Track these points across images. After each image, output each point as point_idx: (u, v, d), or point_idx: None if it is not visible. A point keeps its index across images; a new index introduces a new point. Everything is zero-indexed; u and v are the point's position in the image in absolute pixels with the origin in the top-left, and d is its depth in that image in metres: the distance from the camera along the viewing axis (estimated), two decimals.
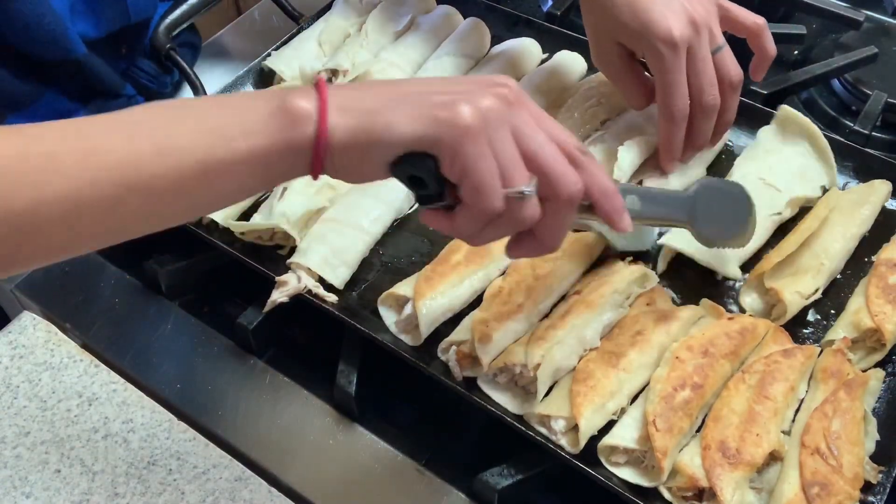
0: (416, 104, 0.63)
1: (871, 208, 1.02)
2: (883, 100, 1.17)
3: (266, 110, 0.62)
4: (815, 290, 0.95)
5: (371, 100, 0.64)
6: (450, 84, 0.67)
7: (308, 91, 0.63)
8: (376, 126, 0.62)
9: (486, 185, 0.63)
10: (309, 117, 0.62)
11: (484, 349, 0.86)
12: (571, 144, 0.67)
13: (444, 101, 0.63)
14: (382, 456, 0.90)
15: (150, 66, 1.18)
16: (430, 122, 0.62)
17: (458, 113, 0.62)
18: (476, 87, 0.65)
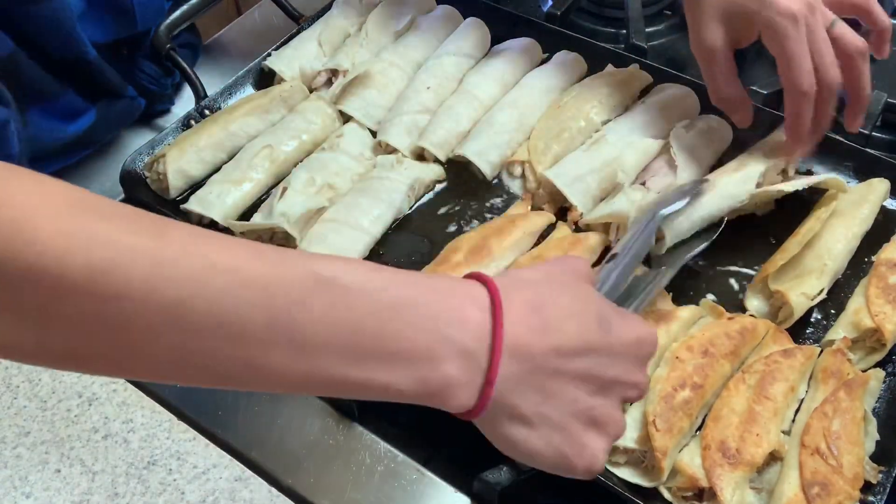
0: (557, 431, 0.61)
1: (871, 207, 1.02)
2: (883, 100, 1.17)
3: (421, 356, 0.56)
4: (819, 291, 0.95)
5: (526, 396, 0.59)
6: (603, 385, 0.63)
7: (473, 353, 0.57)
8: (520, 444, 0.62)
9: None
10: (462, 389, 0.58)
11: None
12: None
13: (578, 440, 0.62)
14: (382, 456, 0.90)
15: (151, 68, 1.18)
16: (556, 462, 0.63)
17: (582, 467, 0.64)
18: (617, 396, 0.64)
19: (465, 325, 0.57)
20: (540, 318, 0.60)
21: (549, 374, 0.60)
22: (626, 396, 0.65)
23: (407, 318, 0.56)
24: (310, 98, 1.15)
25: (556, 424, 0.61)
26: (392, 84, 1.17)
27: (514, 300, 0.60)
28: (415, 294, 0.58)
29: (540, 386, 0.60)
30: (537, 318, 0.60)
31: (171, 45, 1.17)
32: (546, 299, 0.62)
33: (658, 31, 1.35)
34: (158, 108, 1.25)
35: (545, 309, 0.61)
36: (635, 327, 0.66)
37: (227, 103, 1.17)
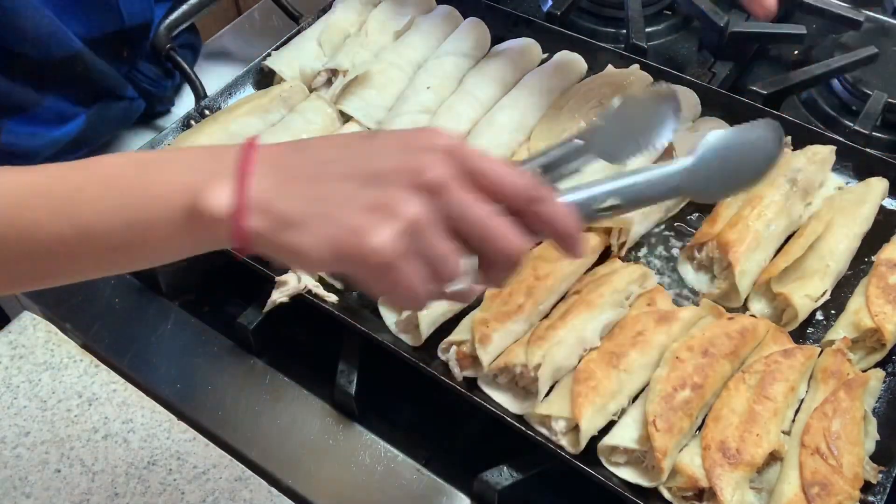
0: (331, 222, 0.58)
1: (871, 206, 1.02)
2: (883, 100, 1.17)
3: (182, 205, 0.59)
4: (823, 293, 0.95)
5: (293, 201, 0.58)
6: (375, 166, 0.59)
7: (227, 178, 0.59)
8: (291, 244, 0.58)
9: (409, 298, 0.60)
10: (221, 220, 0.58)
11: (484, 350, 0.86)
12: (519, 190, 0.61)
13: (359, 225, 0.57)
14: (382, 456, 0.90)
15: (150, 70, 1.18)
16: (341, 255, 0.57)
17: (370, 247, 0.56)
18: (401, 178, 0.58)
19: (220, 157, 0.61)
20: (298, 145, 0.63)
21: (311, 178, 0.60)
22: (407, 181, 0.58)
23: (167, 166, 0.62)
24: (310, 98, 1.15)
25: (327, 217, 0.58)
26: (392, 84, 1.17)
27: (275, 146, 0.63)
28: (178, 152, 0.65)
29: (303, 190, 0.59)
30: (296, 145, 0.63)
31: (171, 45, 1.17)
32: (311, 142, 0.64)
33: (658, 31, 1.35)
34: (159, 109, 1.25)
35: (310, 141, 0.64)
36: (416, 132, 0.63)
37: (227, 103, 1.17)
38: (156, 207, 0.60)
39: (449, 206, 0.58)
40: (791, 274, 0.95)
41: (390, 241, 0.56)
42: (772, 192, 0.99)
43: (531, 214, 0.61)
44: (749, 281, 0.96)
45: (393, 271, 0.57)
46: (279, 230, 0.58)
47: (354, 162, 0.60)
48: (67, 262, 0.63)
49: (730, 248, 0.95)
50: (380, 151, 0.60)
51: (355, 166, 0.60)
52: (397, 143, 0.61)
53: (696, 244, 0.99)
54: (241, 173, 0.59)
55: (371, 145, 0.61)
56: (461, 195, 0.59)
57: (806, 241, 0.96)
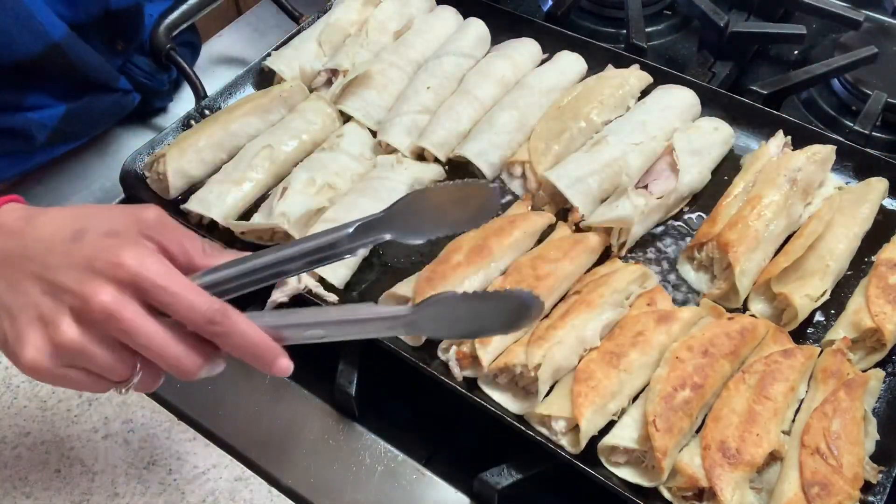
0: (5, 319, 0.65)
1: (871, 206, 1.02)
2: (883, 100, 1.17)
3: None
4: (823, 292, 0.95)
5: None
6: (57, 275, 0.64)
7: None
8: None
9: (81, 389, 0.67)
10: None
11: (484, 350, 0.86)
12: (199, 317, 0.64)
13: (18, 335, 0.64)
14: (382, 456, 0.90)
15: (145, 64, 1.17)
16: (5, 352, 0.65)
17: (22, 361, 0.64)
18: (74, 302, 0.63)
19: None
20: (26, 221, 0.68)
21: (13, 268, 0.66)
22: (72, 305, 0.63)
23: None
24: (310, 98, 1.15)
25: (10, 313, 0.65)
26: (392, 84, 1.17)
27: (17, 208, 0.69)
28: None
29: (5, 277, 0.66)
30: (23, 222, 0.68)
31: (171, 45, 1.17)
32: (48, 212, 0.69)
33: (658, 31, 1.35)
34: (156, 104, 1.24)
35: (35, 216, 0.68)
36: (108, 247, 0.65)
37: (227, 103, 1.17)
38: None
39: (112, 331, 0.63)
40: (791, 274, 0.95)
41: (37, 358, 0.63)
42: (771, 192, 1.00)
43: (218, 337, 0.65)
44: (749, 281, 0.96)
45: (46, 378, 0.65)
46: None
47: (47, 266, 0.65)
48: None
49: (729, 248, 0.95)
50: (68, 265, 0.65)
51: (45, 271, 0.65)
52: (83, 259, 0.64)
53: (697, 244, 0.99)
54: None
55: (70, 250, 0.66)
56: (126, 323, 0.63)
57: (806, 241, 0.96)
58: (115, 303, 0.63)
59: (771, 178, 1.01)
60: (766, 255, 0.98)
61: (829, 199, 1.02)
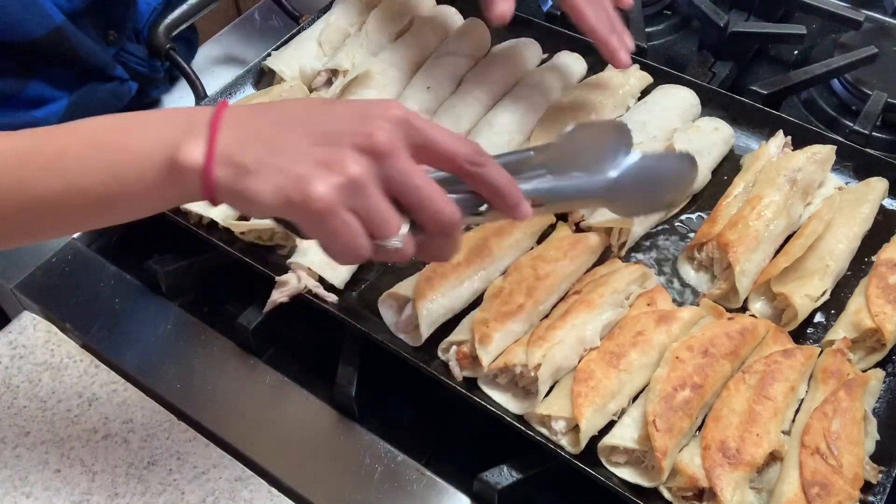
0: (281, 172, 0.64)
1: (871, 206, 1.02)
2: (883, 100, 1.17)
3: (160, 158, 0.65)
4: (823, 293, 0.95)
5: (251, 152, 0.65)
6: (328, 129, 0.66)
7: (200, 134, 0.65)
8: (246, 189, 0.64)
9: (345, 250, 0.66)
10: (195, 171, 0.65)
11: (484, 350, 0.86)
12: (461, 155, 0.67)
13: (304, 175, 0.63)
14: (382, 456, 0.90)
15: (139, 51, 1.16)
16: (286, 200, 0.64)
17: (310, 195, 0.63)
18: (349, 139, 0.65)
19: (192, 117, 0.67)
20: (267, 106, 0.69)
21: (272, 134, 0.66)
22: (356, 143, 0.65)
23: (146, 124, 0.68)
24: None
25: (278, 168, 0.64)
26: (392, 84, 1.17)
27: (243, 107, 0.69)
28: (155, 112, 0.71)
29: (264, 144, 0.65)
30: (264, 106, 0.69)
31: (171, 45, 1.17)
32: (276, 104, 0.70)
33: (658, 31, 1.35)
34: (153, 94, 1.23)
35: (275, 103, 0.70)
36: (371, 101, 0.69)
37: None
38: (136, 162, 0.66)
39: (391, 170, 0.65)
40: (791, 274, 0.95)
41: (328, 191, 0.63)
42: (771, 192, 1.00)
43: (475, 176, 0.68)
44: (749, 281, 0.96)
45: (331, 219, 0.63)
46: (237, 178, 0.64)
47: (312, 123, 0.67)
48: (54, 217, 0.69)
49: (729, 248, 0.95)
50: (336, 116, 0.67)
51: (312, 127, 0.66)
52: (353, 109, 0.68)
53: (696, 244, 0.99)
54: (212, 129, 0.65)
55: (330, 109, 0.69)
56: (404, 163, 0.65)
57: (806, 241, 0.96)
58: (395, 138, 0.65)
59: (771, 178, 1.01)
60: (767, 255, 0.98)
61: (829, 200, 1.03)
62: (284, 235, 0.99)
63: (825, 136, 1.10)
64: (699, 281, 1.00)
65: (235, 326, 0.97)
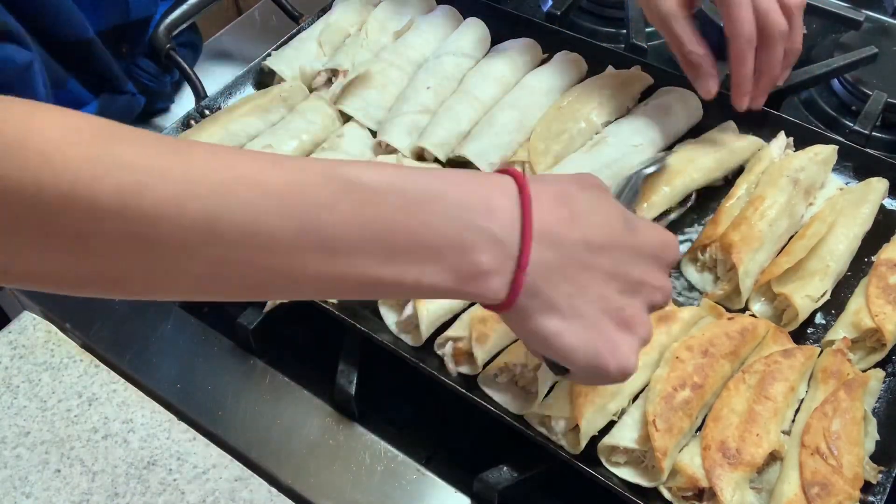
0: (589, 324, 0.61)
1: (871, 207, 1.02)
2: (883, 100, 1.17)
3: (451, 247, 0.56)
4: (823, 293, 0.95)
5: (559, 286, 0.60)
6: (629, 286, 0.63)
7: (503, 240, 0.57)
8: (548, 329, 0.61)
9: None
10: (494, 278, 0.58)
11: (481, 348, 0.86)
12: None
13: (612, 341, 0.62)
14: (382, 456, 0.90)
15: (150, 66, 1.18)
16: (591, 362, 0.62)
17: (625, 367, 0.63)
18: (644, 299, 0.64)
19: (493, 212, 0.57)
20: (568, 209, 0.61)
21: (580, 267, 0.60)
22: (651, 300, 0.65)
23: (435, 210, 0.56)
24: (310, 98, 1.15)
25: (589, 320, 0.61)
26: (392, 84, 1.17)
27: (542, 191, 0.60)
28: (442, 186, 0.57)
29: (571, 278, 0.60)
30: (565, 209, 0.61)
31: (171, 45, 1.17)
32: (572, 194, 0.63)
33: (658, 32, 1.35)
34: (158, 106, 1.25)
35: (572, 201, 0.62)
36: (658, 231, 0.68)
37: (227, 103, 1.17)
38: (418, 252, 0.56)
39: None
40: (791, 274, 0.95)
41: (636, 360, 0.64)
42: (774, 193, 0.99)
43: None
44: (752, 281, 0.96)
45: (621, 376, 0.64)
46: (541, 316, 0.60)
47: (615, 260, 0.63)
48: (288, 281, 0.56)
49: (733, 249, 0.95)
50: (637, 254, 0.64)
51: (617, 267, 0.63)
52: (651, 247, 0.65)
53: (700, 246, 0.99)
54: (523, 243, 0.58)
55: (632, 240, 0.64)
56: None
57: (808, 243, 0.96)
58: (667, 294, 0.67)
59: (774, 179, 1.01)
60: (769, 255, 0.98)
61: (831, 201, 1.02)
62: None
63: (825, 136, 1.10)
64: (703, 282, 1.00)
65: (235, 326, 0.97)
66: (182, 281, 0.54)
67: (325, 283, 0.56)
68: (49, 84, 1.03)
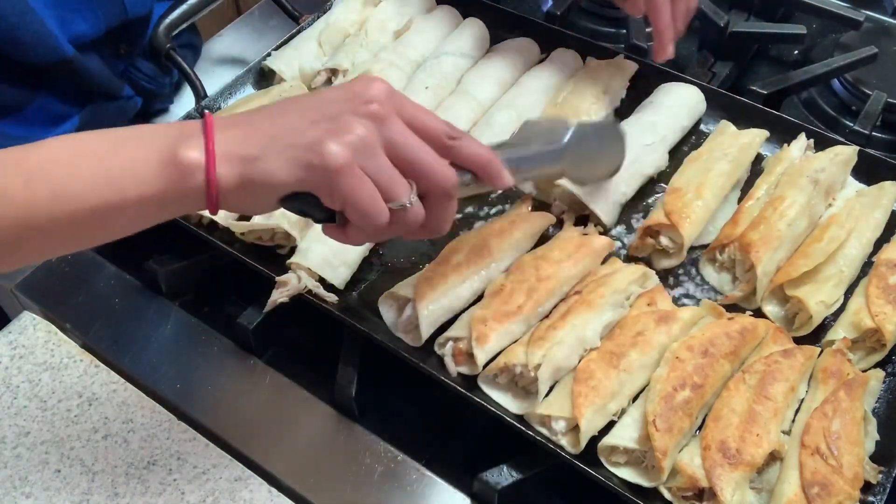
0: (290, 147, 0.66)
1: (883, 212, 1.02)
2: (883, 100, 1.17)
3: (156, 160, 0.65)
4: (836, 300, 0.94)
5: (252, 144, 0.67)
6: (322, 109, 0.68)
7: (196, 137, 0.66)
8: (257, 174, 0.66)
9: (367, 209, 0.68)
10: (197, 168, 0.65)
11: (481, 349, 0.86)
12: (441, 131, 0.72)
13: (315, 140, 0.66)
14: (382, 456, 0.90)
15: (148, 67, 1.18)
16: (303, 168, 0.66)
17: (327, 155, 0.65)
18: (347, 110, 0.68)
19: (183, 127, 0.68)
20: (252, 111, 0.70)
21: (266, 125, 0.68)
22: (355, 110, 0.68)
23: (139, 138, 0.68)
24: None
25: (284, 145, 0.66)
26: (391, 84, 1.16)
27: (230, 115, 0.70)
28: (144, 127, 0.71)
29: (260, 134, 0.67)
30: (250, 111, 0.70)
31: (171, 45, 1.17)
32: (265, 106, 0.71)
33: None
34: (157, 107, 1.25)
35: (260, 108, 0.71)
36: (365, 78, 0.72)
37: (226, 103, 1.17)
38: (132, 168, 0.65)
39: (392, 133, 0.69)
40: (804, 277, 0.94)
41: (343, 148, 0.65)
42: (794, 193, 0.99)
43: (453, 149, 0.73)
44: (769, 281, 0.96)
45: (350, 177, 0.66)
46: (244, 168, 0.66)
47: (306, 108, 0.69)
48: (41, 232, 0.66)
49: (752, 248, 0.95)
50: (327, 99, 0.69)
51: (306, 112, 0.68)
52: (341, 89, 0.71)
53: (718, 245, 0.99)
54: (207, 133, 0.66)
55: (318, 96, 0.71)
56: (401, 126, 0.69)
57: (828, 247, 0.96)
58: (388, 105, 0.69)
59: (794, 179, 1.01)
60: (788, 256, 0.98)
61: (848, 205, 1.02)
62: (285, 235, 0.99)
63: (825, 136, 1.10)
64: (721, 282, 0.99)
65: (235, 326, 0.97)
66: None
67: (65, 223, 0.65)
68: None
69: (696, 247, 1.02)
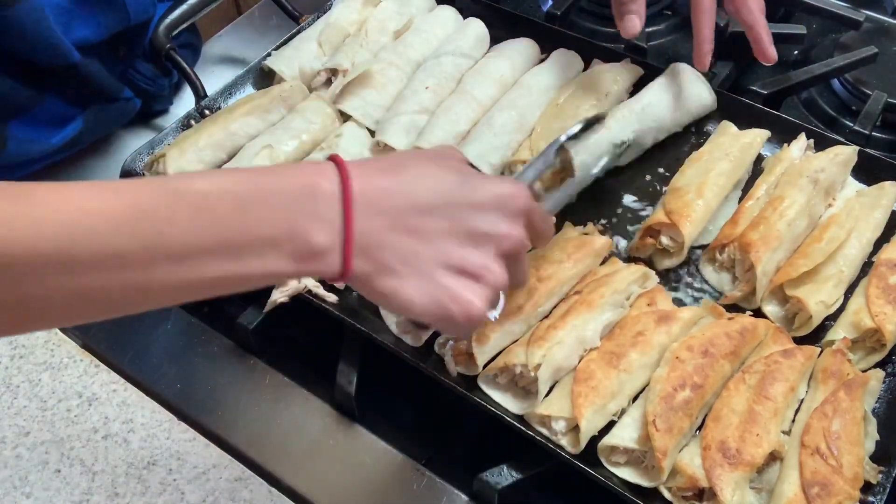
0: (431, 279, 0.65)
1: (883, 212, 1.02)
2: (883, 100, 1.17)
3: (286, 235, 0.61)
4: (836, 300, 0.94)
5: (393, 247, 0.64)
6: (473, 216, 0.67)
7: (332, 221, 0.62)
8: (394, 296, 0.65)
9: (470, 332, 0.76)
10: (329, 254, 0.62)
11: (481, 349, 0.86)
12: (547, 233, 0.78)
13: (456, 287, 0.65)
14: (382, 456, 0.90)
15: (147, 69, 1.18)
16: (441, 312, 0.66)
17: (470, 313, 0.66)
18: (492, 248, 0.67)
19: (317, 197, 0.62)
20: (394, 178, 0.66)
21: (411, 229, 0.65)
22: (501, 248, 0.68)
23: (266, 205, 0.61)
24: (309, 98, 1.15)
25: (426, 274, 0.64)
26: (391, 84, 1.17)
27: (368, 167, 0.65)
28: (270, 182, 0.63)
29: (403, 240, 0.64)
30: (391, 179, 0.65)
31: (170, 45, 1.17)
32: (403, 163, 0.68)
33: (658, 31, 1.35)
34: (156, 108, 1.25)
35: (400, 171, 0.67)
36: (500, 184, 0.70)
37: (226, 103, 1.17)
38: (258, 246, 0.61)
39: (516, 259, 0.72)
40: (804, 277, 0.94)
41: (483, 306, 0.66)
42: (794, 193, 0.99)
43: (542, 236, 0.77)
44: (769, 281, 0.96)
45: (470, 326, 0.68)
46: (379, 276, 0.64)
47: (452, 215, 0.66)
48: (157, 292, 0.60)
49: (751, 248, 0.95)
50: (476, 207, 0.67)
51: (453, 221, 0.66)
52: (491, 199, 0.68)
53: (718, 245, 0.99)
54: (346, 216, 0.62)
55: (469, 195, 0.68)
56: (524, 249, 0.72)
57: (828, 248, 0.96)
58: (521, 239, 0.70)
59: (793, 179, 1.01)
60: (787, 256, 0.98)
61: (847, 205, 1.02)
62: None
63: (825, 136, 1.10)
64: (720, 282, 0.99)
65: (235, 326, 0.97)
66: (48, 311, 0.57)
67: (178, 289, 0.60)
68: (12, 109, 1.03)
69: (696, 247, 1.02)
